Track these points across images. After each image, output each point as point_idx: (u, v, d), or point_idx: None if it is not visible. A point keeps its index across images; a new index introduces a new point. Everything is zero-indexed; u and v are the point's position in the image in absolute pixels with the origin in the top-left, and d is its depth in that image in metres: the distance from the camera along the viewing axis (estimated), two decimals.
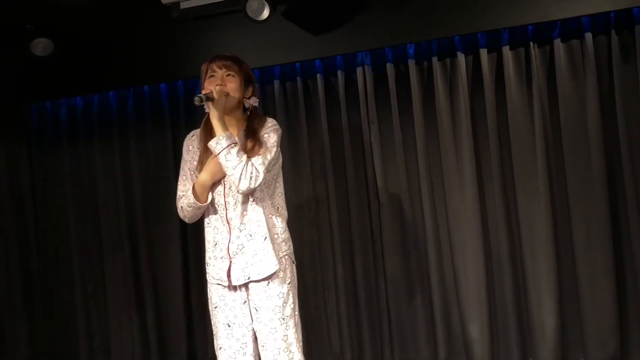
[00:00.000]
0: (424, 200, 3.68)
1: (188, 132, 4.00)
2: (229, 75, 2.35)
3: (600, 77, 3.43)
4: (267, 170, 2.30)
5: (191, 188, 2.40)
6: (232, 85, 2.34)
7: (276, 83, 3.91)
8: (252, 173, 2.24)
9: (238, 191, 2.29)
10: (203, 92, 2.31)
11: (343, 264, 3.81)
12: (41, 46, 3.64)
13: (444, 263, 3.68)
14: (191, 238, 4.08)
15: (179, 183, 2.51)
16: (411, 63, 3.68)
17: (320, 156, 3.87)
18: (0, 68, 4.08)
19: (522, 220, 3.55)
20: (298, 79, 3.89)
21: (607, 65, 3.43)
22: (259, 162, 2.27)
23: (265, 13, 3.28)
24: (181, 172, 2.51)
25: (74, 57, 3.98)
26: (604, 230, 3.40)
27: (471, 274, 3.61)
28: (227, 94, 2.31)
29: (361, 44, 3.65)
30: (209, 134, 2.37)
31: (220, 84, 2.31)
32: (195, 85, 4.07)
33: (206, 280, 2.47)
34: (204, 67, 2.40)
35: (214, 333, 2.44)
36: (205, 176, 2.35)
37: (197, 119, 4.03)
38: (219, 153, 2.25)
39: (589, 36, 3.41)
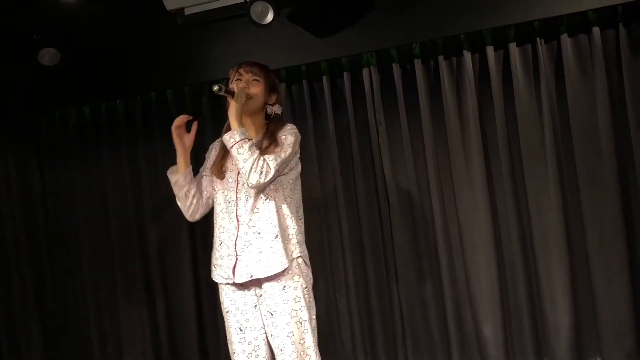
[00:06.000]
0: (433, 200, 3.65)
1: (195, 136, 4.09)
2: (254, 79, 2.42)
3: (609, 71, 3.39)
4: (279, 168, 2.30)
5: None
6: (256, 90, 2.41)
7: (282, 86, 3.90)
8: (262, 168, 2.24)
9: (248, 185, 2.29)
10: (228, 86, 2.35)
11: (354, 266, 3.79)
12: (48, 56, 3.67)
13: (456, 263, 3.64)
14: (201, 243, 4.08)
15: None
16: (417, 62, 3.66)
17: (328, 158, 3.85)
18: (9, 78, 4.12)
19: (533, 218, 3.51)
20: (304, 81, 3.89)
21: (616, 59, 3.39)
22: (271, 158, 2.28)
23: (270, 17, 3.28)
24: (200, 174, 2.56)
25: (80, 66, 3.99)
26: (617, 228, 3.35)
27: (483, 274, 3.57)
28: (249, 97, 2.37)
29: (366, 45, 3.64)
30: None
31: (244, 86, 2.38)
32: (199, 88, 4.08)
33: (216, 284, 2.47)
34: (231, 72, 2.48)
35: (227, 338, 2.44)
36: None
37: (204, 125, 4.08)
38: (232, 146, 2.27)
39: (596, 30, 3.37)
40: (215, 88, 2.26)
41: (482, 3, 3.43)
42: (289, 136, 2.37)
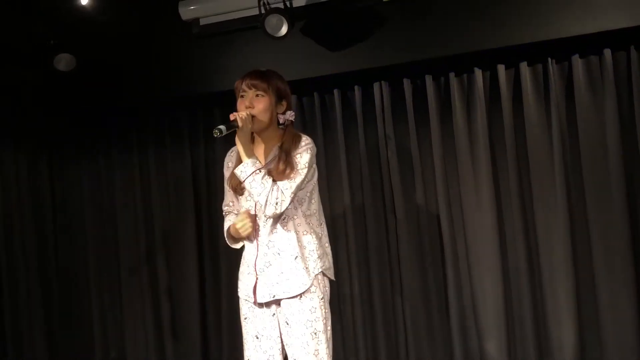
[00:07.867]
0: (441, 217, 3.66)
1: (205, 145, 4.13)
2: (257, 95, 2.30)
3: (619, 93, 3.40)
4: (295, 193, 2.29)
5: (226, 229, 2.45)
6: (261, 106, 2.30)
7: (293, 98, 3.91)
8: (277, 198, 2.23)
9: (265, 215, 2.31)
10: (231, 118, 2.24)
11: (359, 279, 3.80)
12: (64, 61, 3.70)
13: (462, 279, 3.65)
14: (207, 249, 4.11)
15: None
16: (428, 78, 3.69)
17: (337, 171, 3.87)
18: (24, 82, 4.16)
19: (540, 236, 3.52)
20: (315, 94, 3.92)
21: (627, 82, 3.40)
22: (286, 186, 2.25)
23: (284, 29, 3.31)
24: (225, 188, 2.54)
25: (95, 72, 4.04)
26: (624, 247, 3.35)
27: (489, 291, 3.58)
28: (254, 116, 2.27)
29: (378, 60, 3.66)
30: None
31: (249, 105, 2.28)
32: (211, 98, 4.11)
33: (238, 296, 2.47)
34: (237, 85, 2.35)
35: (243, 345, 2.44)
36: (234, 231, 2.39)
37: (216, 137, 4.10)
38: (244, 180, 2.26)
39: (607, 52, 3.39)
40: (216, 133, 2.15)
41: (494, 22, 3.44)
42: (304, 154, 2.31)
